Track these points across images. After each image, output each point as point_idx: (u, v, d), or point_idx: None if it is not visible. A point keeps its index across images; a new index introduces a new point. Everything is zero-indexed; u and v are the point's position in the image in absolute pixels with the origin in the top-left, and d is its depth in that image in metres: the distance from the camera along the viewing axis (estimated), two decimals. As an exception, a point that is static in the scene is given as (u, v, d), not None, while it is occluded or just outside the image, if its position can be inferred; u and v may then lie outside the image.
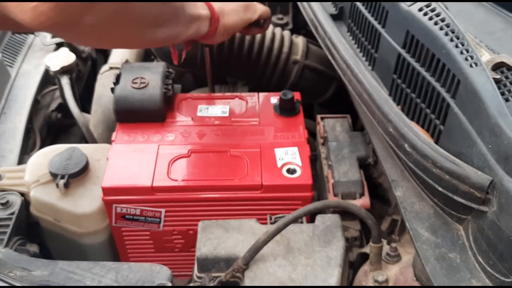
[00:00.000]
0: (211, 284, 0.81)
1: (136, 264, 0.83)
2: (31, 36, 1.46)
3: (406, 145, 0.75)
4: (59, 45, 1.43)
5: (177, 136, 1.08)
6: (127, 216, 1.00)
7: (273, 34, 1.40)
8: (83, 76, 1.50)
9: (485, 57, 0.78)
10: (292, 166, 1.00)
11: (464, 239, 0.68)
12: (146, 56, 1.57)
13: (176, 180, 0.98)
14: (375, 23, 1.00)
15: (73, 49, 1.41)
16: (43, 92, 1.39)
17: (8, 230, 0.94)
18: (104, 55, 1.68)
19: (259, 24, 1.11)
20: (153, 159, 1.02)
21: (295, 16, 1.68)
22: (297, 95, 1.16)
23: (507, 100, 0.68)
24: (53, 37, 1.43)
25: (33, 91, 1.33)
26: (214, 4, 0.95)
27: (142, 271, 0.81)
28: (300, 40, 1.44)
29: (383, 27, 0.95)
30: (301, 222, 0.91)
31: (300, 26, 1.62)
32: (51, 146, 1.14)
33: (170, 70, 1.20)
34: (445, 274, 0.65)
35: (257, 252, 0.79)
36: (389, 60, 0.93)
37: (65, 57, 1.33)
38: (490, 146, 0.65)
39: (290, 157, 1.02)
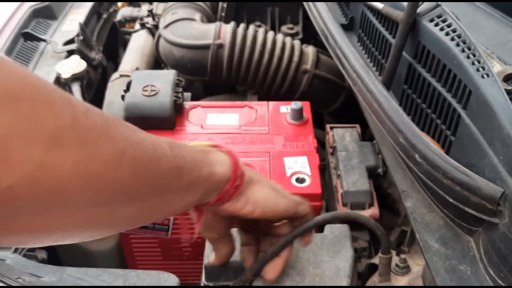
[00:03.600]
0: None
1: (144, 272, 0.83)
2: (42, 44, 1.47)
3: (416, 156, 0.75)
4: (70, 53, 1.44)
5: (186, 144, 1.08)
6: (135, 223, 1.01)
7: (283, 43, 1.40)
8: (94, 83, 1.51)
9: (496, 68, 0.78)
10: (301, 176, 1.00)
11: (475, 251, 0.67)
12: (157, 64, 1.58)
13: (185, 188, 0.98)
14: (386, 33, 1.00)
15: (84, 56, 1.43)
16: (53, 99, 1.40)
17: (17, 236, 0.94)
18: (114, 63, 1.69)
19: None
20: (162, 167, 1.02)
21: (305, 26, 1.68)
22: (306, 105, 1.16)
23: (519, 111, 0.68)
24: (65, 44, 1.45)
25: (44, 98, 1.34)
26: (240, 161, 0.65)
27: (150, 279, 0.81)
28: (310, 50, 1.44)
29: (394, 37, 0.95)
30: (310, 232, 0.91)
31: (310, 36, 1.63)
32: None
33: (180, 78, 1.21)
34: (456, 286, 0.64)
35: (266, 263, 0.78)
36: (400, 70, 0.93)
37: (76, 64, 1.34)
38: (501, 157, 0.64)
39: (299, 167, 1.02)
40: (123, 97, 1.13)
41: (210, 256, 0.82)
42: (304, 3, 1.38)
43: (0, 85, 0.34)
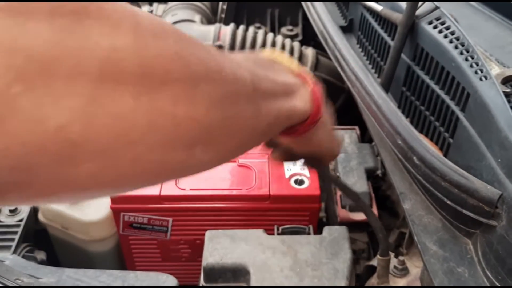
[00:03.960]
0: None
1: (143, 273, 0.83)
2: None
3: (414, 158, 0.75)
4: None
5: (185, 146, 1.08)
6: (134, 225, 1.01)
7: (283, 45, 1.40)
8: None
9: (495, 70, 0.78)
10: (300, 177, 1.00)
11: (473, 253, 0.68)
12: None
13: (184, 189, 0.98)
14: (384, 35, 1.00)
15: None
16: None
17: (16, 237, 0.94)
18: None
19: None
20: (161, 168, 1.02)
21: (305, 27, 1.68)
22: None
23: (517, 114, 0.68)
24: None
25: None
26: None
27: (149, 280, 0.81)
28: (309, 52, 1.44)
29: (393, 39, 0.95)
30: (309, 233, 0.91)
31: (309, 38, 1.63)
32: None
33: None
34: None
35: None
36: (399, 73, 0.93)
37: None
38: (499, 160, 0.64)
39: (298, 168, 1.02)
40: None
41: (208, 258, 0.81)
42: (304, 4, 1.38)
43: None
